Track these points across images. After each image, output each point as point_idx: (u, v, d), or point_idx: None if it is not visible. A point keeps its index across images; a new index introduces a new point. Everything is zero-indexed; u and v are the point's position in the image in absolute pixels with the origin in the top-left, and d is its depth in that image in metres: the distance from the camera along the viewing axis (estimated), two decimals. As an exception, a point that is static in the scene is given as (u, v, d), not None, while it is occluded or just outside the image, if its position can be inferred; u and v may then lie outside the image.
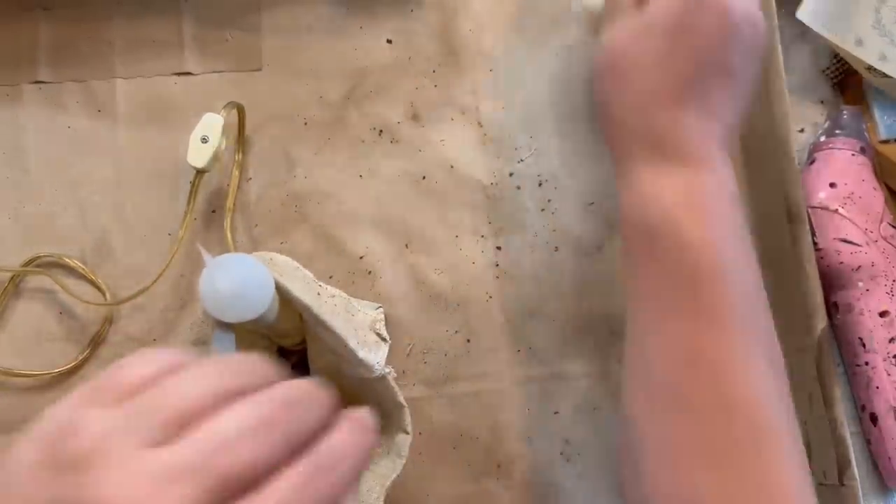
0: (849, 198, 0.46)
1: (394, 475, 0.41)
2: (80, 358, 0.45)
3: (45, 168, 0.47)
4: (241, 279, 0.34)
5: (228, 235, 0.46)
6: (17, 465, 0.22)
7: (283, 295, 0.37)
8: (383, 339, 0.44)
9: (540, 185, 0.48)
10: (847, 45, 0.47)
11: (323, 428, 0.24)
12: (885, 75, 0.47)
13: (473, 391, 0.46)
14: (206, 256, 0.37)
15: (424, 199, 0.48)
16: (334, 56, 0.49)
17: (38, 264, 0.46)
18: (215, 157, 0.43)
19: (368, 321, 0.43)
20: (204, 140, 0.43)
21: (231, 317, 0.34)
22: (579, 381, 0.46)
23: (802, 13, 0.48)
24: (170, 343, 0.46)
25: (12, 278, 0.46)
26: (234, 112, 0.46)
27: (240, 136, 0.47)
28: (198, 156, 0.43)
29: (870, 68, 0.47)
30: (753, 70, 0.38)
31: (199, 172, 0.44)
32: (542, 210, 0.48)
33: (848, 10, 0.47)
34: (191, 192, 0.44)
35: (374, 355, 0.40)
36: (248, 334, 0.41)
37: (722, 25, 0.36)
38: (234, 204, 0.47)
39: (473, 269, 0.47)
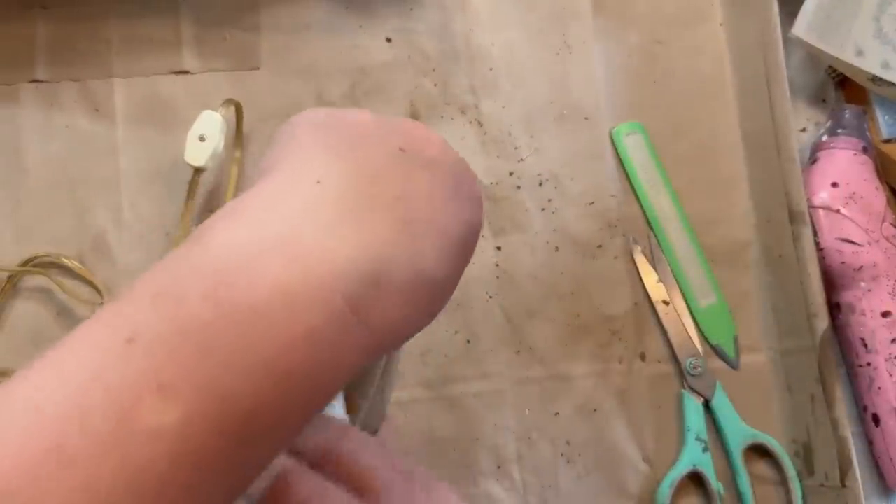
0: (851, 197, 0.46)
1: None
2: (78, 358, 0.45)
3: (42, 168, 0.47)
4: None
5: None
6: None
7: None
8: None
9: (540, 184, 0.48)
10: (847, 57, 0.47)
11: None
12: (888, 84, 0.47)
13: (473, 392, 0.46)
14: None
15: (424, 199, 0.48)
16: (333, 55, 0.49)
17: (36, 264, 0.46)
18: (213, 156, 0.43)
19: None
20: (202, 138, 0.43)
21: None
22: (580, 381, 0.46)
23: (798, 29, 0.47)
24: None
25: (10, 278, 0.45)
26: (232, 109, 0.46)
27: (238, 134, 0.47)
28: (196, 154, 0.43)
29: (873, 79, 0.47)
30: None
31: (197, 171, 0.43)
32: (542, 210, 0.48)
33: (845, 21, 0.47)
34: (189, 191, 0.44)
35: None
36: None
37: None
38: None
39: (473, 269, 0.47)
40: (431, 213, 0.26)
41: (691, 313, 0.47)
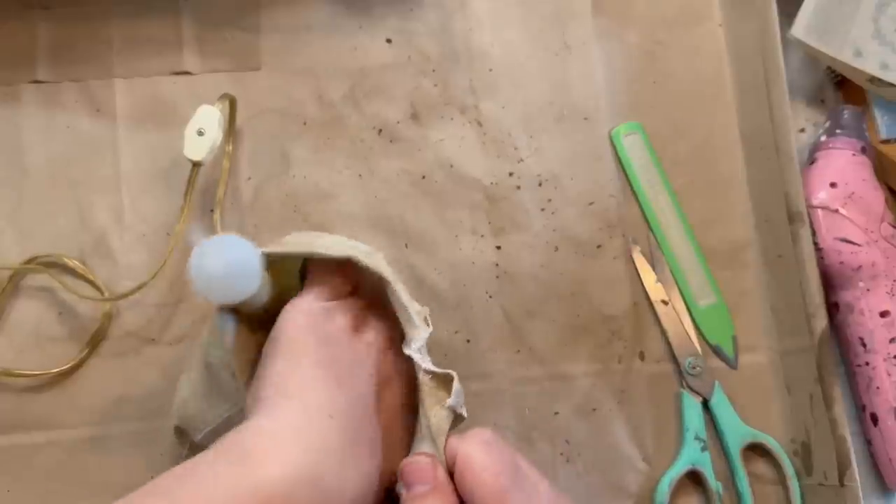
0: (849, 197, 0.46)
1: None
2: (80, 357, 0.45)
3: (43, 168, 0.47)
4: (230, 260, 0.34)
5: (218, 228, 0.46)
6: None
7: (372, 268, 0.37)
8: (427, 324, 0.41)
9: (540, 185, 0.48)
10: (845, 58, 0.47)
11: None
12: (887, 84, 0.47)
13: (473, 391, 0.46)
14: (194, 237, 0.37)
15: (424, 199, 0.48)
16: (333, 55, 0.49)
17: (37, 264, 0.46)
18: (210, 150, 0.43)
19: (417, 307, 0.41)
20: (200, 132, 0.43)
21: (219, 298, 0.34)
22: (579, 381, 0.46)
23: (797, 29, 0.48)
24: (167, 336, 0.45)
25: (11, 277, 0.46)
26: (227, 105, 0.46)
27: (230, 128, 0.47)
28: (194, 149, 0.43)
29: (872, 79, 0.47)
30: None
31: (196, 165, 0.43)
32: (542, 210, 0.48)
33: (844, 22, 0.47)
34: (188, 186, 0.44)
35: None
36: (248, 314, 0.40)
37: None
38: (223, 195, 0.46)
39: (473, 269, 0.47)
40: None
41: (690, 313, 0.47)
